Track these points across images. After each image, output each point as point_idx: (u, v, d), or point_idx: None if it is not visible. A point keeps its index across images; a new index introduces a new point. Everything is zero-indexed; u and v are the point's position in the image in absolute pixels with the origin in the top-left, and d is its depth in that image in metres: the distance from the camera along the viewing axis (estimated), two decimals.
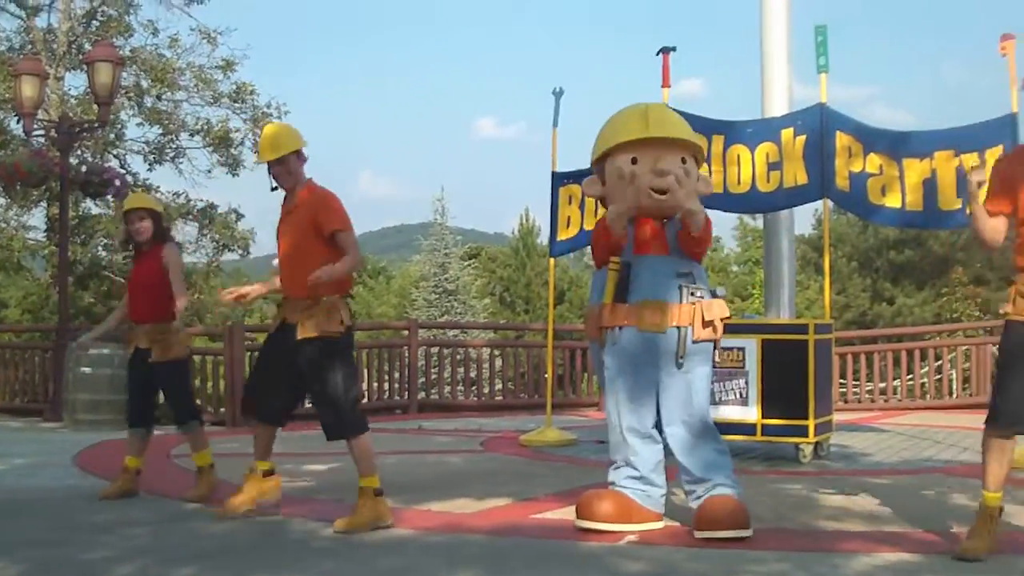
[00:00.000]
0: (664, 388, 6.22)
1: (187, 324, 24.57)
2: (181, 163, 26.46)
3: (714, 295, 6.39)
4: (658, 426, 6.32)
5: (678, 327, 6.17)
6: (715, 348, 6.34)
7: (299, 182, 6.74)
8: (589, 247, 6.91)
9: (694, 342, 6.17)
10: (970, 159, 9.54)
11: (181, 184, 41.55)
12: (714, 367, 6.44)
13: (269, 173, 6.76)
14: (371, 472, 6.53)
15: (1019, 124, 9.44)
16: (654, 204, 6.30)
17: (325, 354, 6.53)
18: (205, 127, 26.20)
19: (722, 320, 6.23)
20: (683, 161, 6.30)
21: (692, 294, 6.19)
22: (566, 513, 6.74)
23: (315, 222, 6.57)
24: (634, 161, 6.31)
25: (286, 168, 6.70)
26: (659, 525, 6.29)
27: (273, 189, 6.83)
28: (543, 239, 35.93)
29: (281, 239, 6.79)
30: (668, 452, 6.36)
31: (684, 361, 6.16)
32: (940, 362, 17.29)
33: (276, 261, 6.90)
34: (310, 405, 7.08)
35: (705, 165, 6.57)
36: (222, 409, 14.68)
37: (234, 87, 26.20)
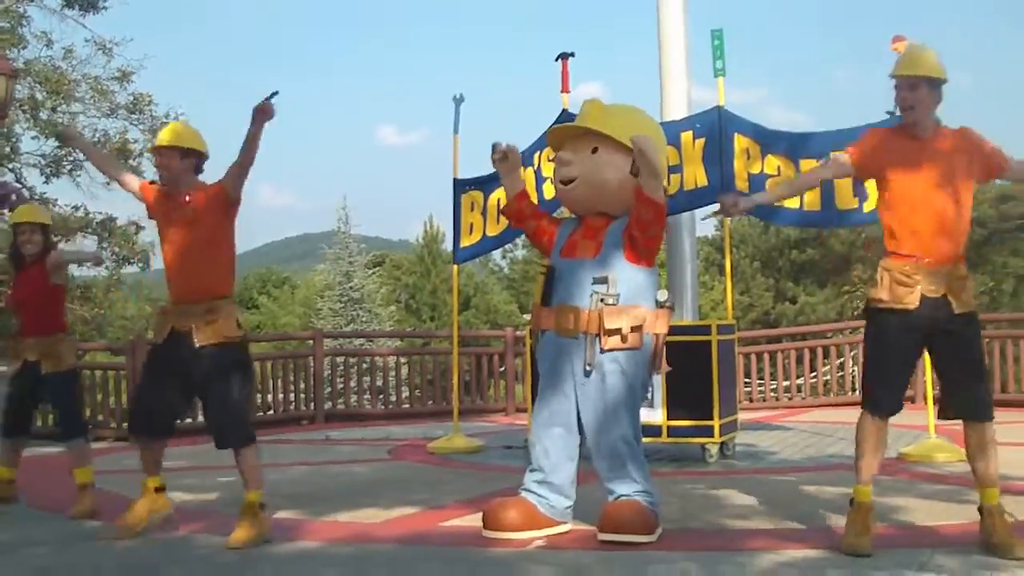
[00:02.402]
0: (577, 393, 6.21)
1: (86, 339, 24.26)
2: (79, 176, 26.01)
3: (657, 303, 6.27)
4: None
5: (586, 334, 6.15)
6: (655, 351, 6.23)
7: (179, 182, 6.55)
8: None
9: (602, 351, 6.13)
10: None
11: (79, 197, 40.92)
12: (653, 372, 6.36)
13: (155, 163, 6.66)
14: (260, 486, 6.45)
15: None
16: (563, 196, 6.38)
17: (225, 360, 6.41)
18: (103, 139, 25.79)
19: (633, 328, 6.12)
20: (594, 151, 6.25)
21: (601, 300, 6.13)
22: (474, 520, 6.71)
23: (216, 210, 6.47)
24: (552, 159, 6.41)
25: (169, 162, 6.52)
26: (565, 528, 6.28)
27: (152, 183, 6.75)
28: (447, 245, 35.90)
29: (170, 243, 6.57)
30: (584, 457, 6.36)
31: (592, 369, 6.13)
32: (842, 359, 17.51)
33: None
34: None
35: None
36: (125, 424, 14.44)
37: (131, 98, 25.84)
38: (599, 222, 6.32)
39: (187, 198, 6.51)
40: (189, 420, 12.23)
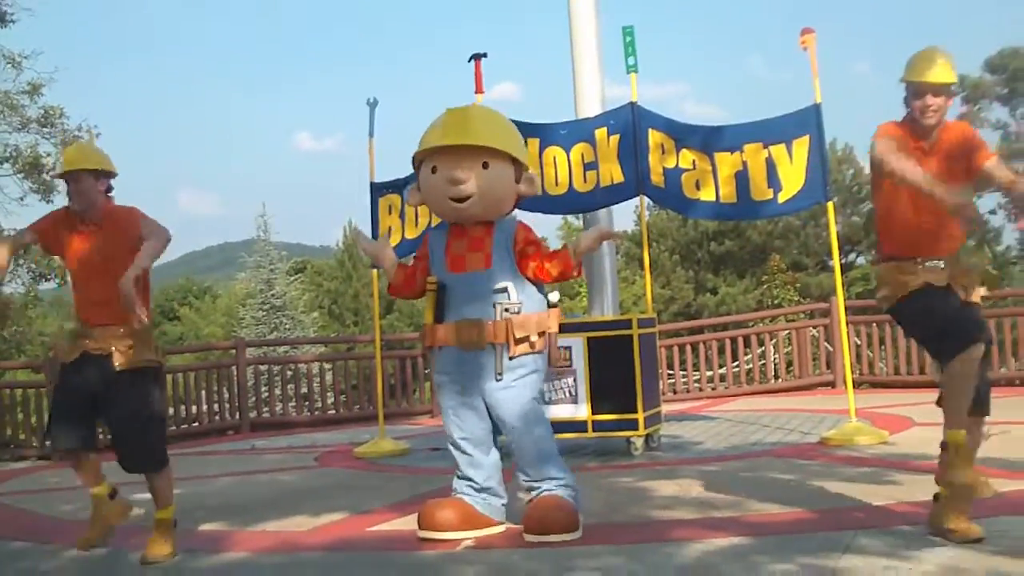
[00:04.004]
0: (490, 402, 6.22)
1: (5, 357, 23.91)
2: None
3: (549, 303, 6.37)
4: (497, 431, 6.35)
5: (494, 344, 6.17)
6: (550, 349, 6.32)
7: (95, 205, 6.34)
8: (413, 258, 6.86)
9: (511, 358, 6.17)
10: (778, 150, 9.79)
11: None
12: (551, 368, 6.46)
13: (67, 190, 6.36)
14: (171, 502, 6.33)
15: (823, 114, 9.73)
16: (456, 213, 6.31)
17: (143, 383, 6.24)
18: (14, 154, 25.41)
19: (540, 334, 6.21)
20: (484, 166, 6.23)
21: (506, 310, 6.17)
22: (402, 523, 6.72)
23: (132, 238, 6.22)
24: (434, 171, 6.29)
25: (83, 186, 6.28)
26: (499, 529, 6.30)
27: (66, 208, 6.47)
28: None
29: (81, 263, 6.35)
30: (506, 455, 6.39)
31: (503, 375, 6.16)
32: (763, 348, 17.69)
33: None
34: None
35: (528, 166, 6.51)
36: (47, 443, 14.25)
37: (42, 111, 25.45)
38: (479, 231, 6.32)
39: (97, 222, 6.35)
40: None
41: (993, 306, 17.84)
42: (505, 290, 6.17)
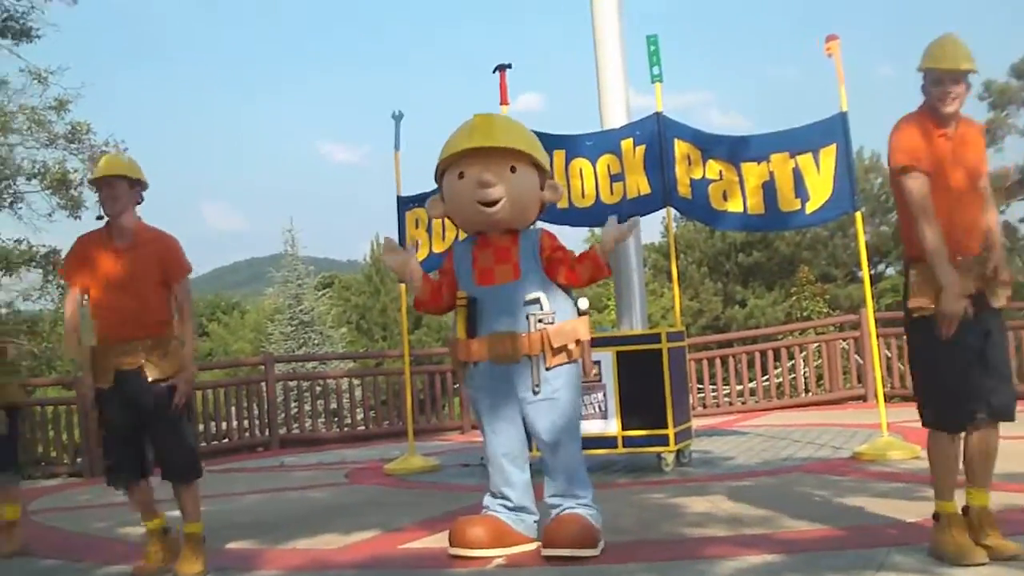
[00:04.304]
0: (527, 414, 6.19)
1: (36, 374, 24.00)
2: (19, 208, 25.74)
3: (579, 311, 6.33)
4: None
5: (529, 356, 6.14)
6: (584, 360, 6.29)
7: (126, 212, 6.44)
8: (439, 272, 6.81)
9: (547, 369, 6.14)
10: (805, 159, 9.75)
11: (21, 230, 40.47)
12: (584, 380, 6.42)
13: (99, 196, 6.48)
14: (200, 517, 6.39)
15: (849, 122, 9.68)
16: (484, 218, 6.27)
17: (170, 394, 6.33)
18: (42, 170, 25.52)
19: (577, 342, 6.18)
20: (512, 170, 6.22)
21: (540, 321, 6.14)
22: (433, 541, 6.70)
23: (162, 267, 6.40)
24: (461, 176, 6.26)
25: (117, 191, 6.39)
26: (531, 547, 6.26)
27: (99, 218, 6.53)
28: None
29: (110, 276, 6.40)
30: (535, 471, 6.36)
31: (540, 387, 6.13)
32: (793, 361, 17.61)
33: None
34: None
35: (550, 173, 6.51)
36: (79, 460, 14.34)
37: (69, 127, 25.55)
38: (505, 240, 6.29)
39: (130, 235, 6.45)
40: None
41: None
42: (537, 301, 6.13)
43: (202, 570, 6.16)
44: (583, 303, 6.37)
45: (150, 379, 6.25)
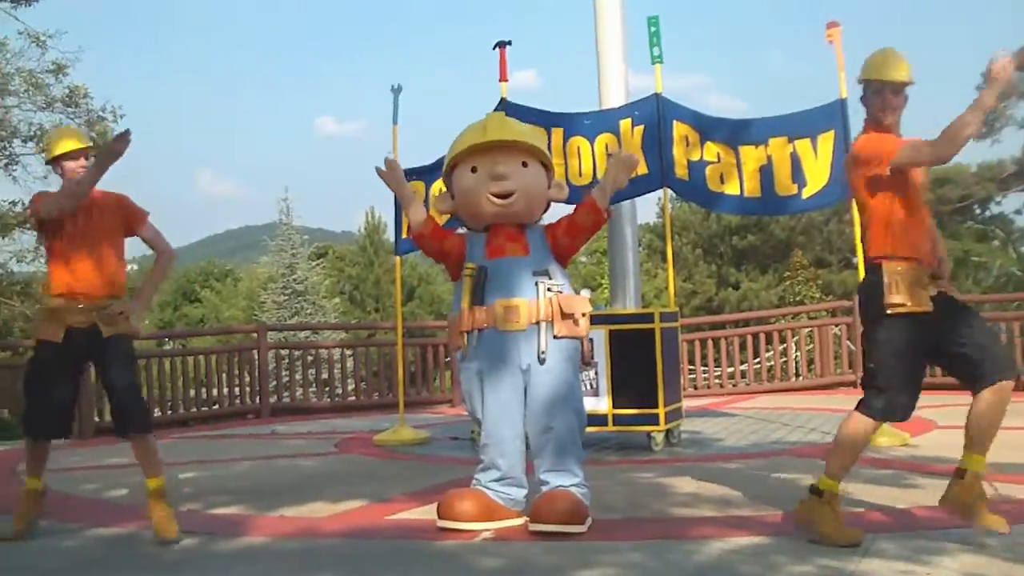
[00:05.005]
0: (529, 385, 6.21)
1: (28, 335, 24.01)
2: (14, 170, 25.71)
3: (578, 294, 6.42)
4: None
5: (537, 323, 6.17)
6: (583, 343, 6.37)
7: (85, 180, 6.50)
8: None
9: (555, 337, 6.17)
10: (803, 144, 9.77)
11: (16, 192, 40.42)
12: (585, 363, 6.47)
13: (71, 168, 6.57)
14: (162, 471, 6.47)
15: (848, 108, 9.69)
16: (498, 210, 6.31)
17: (129, 350, 6.53)
18: (39, 132, 25.47)
19: (584, 315, 6.22)
20: (524, 164, 6.30)
21: (549, 289, 6.19)
22: (421, 512, 6.72)
23: (121, 217, 6.60)
24: (474, 171, 6.32)
25: (84, 164, 6.54)
26: (519, 522, 6.28)
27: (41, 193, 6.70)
28: (390, 236, 35.93)
29: (68, 239, 6.47)
30: (528, 445, 6.38)
31: (546, 356, 6.16)
32: (785, 344, 17.64)
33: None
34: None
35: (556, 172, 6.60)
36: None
37: (66, 91, 25.51)
38: (514, 229, 6.36)
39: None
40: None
41: (1019, 307, 17.79)
42: (546, 272, 6.20)
43: (177, 528, 6.21)
44: (585, 293, 6.46)
45: (105, 336, 6.37)
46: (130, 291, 6.77)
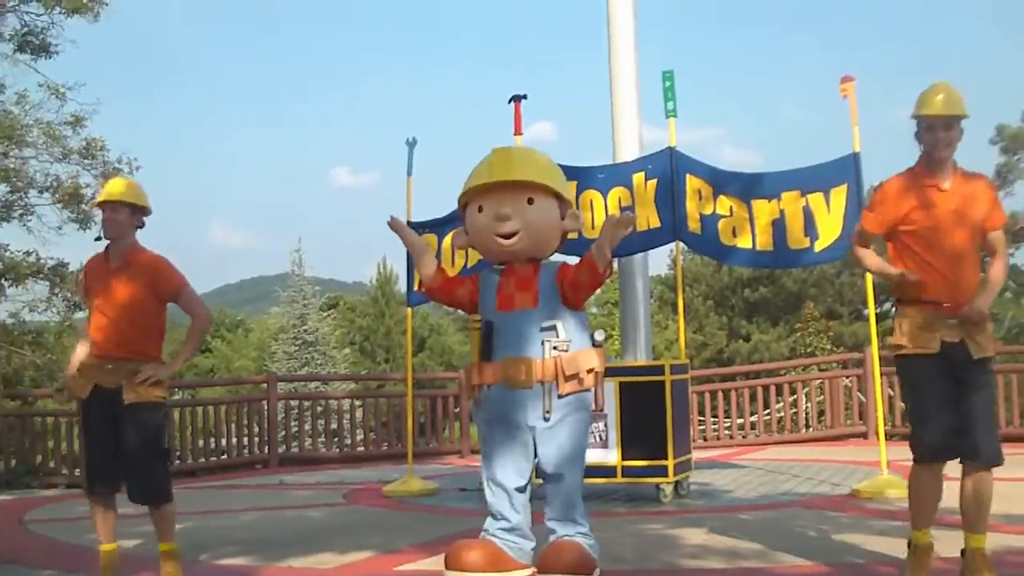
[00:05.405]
0: (537, 441, 6.19)
1: (38, 385, 24.03)
2: (29, 220, 25.82)
3: (594, 342, 6.36)
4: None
5: (542, 382, 6.15)
6: (596, 392, 6.30)
7: (125, 236, 6.54)
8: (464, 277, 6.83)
9: (560, 396, 6.14)
10: (815, 198, 9.79)
11: (31, 243, 40.52)
12: (597, 412, 6.40)
13: (102, 217, 6.57)
14: (174, 537, 6.44)
15: (861, 163, 9.72)
16: (503, 251, 6.31)
17: (153, 416, 6.42)
18: (55, 184, 25.61)
19: (590, 371, 6.18)
20: (529, 201, 6.26)
21: (555, 348, 6.15)
22: (429, 564, 6.70)
23: (152, 287, 6.46)
24: (480, 210, 6.32)
25: (119, 216, 6.49)
26: (526, 573, 6.24)
27: (97, 239, 6.65)
28: (401, 287, 35.99)
29: (103, 296, 6.50)
30: (534, 498, 6.35)
31: (551, 415, 6.13)
32: (795, 396, 17.61)
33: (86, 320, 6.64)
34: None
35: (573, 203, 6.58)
36: (76, 471, 14.34)
37: (84, 143, 25.63)
38: (527, 270, 6.32)
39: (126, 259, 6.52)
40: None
41: None
42: (553, 328, 6.16)
43: None
44: (599, 335, 6.38)
45: (126, 403, 6.30)
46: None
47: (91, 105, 25.73)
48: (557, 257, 6.62)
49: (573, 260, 6.25)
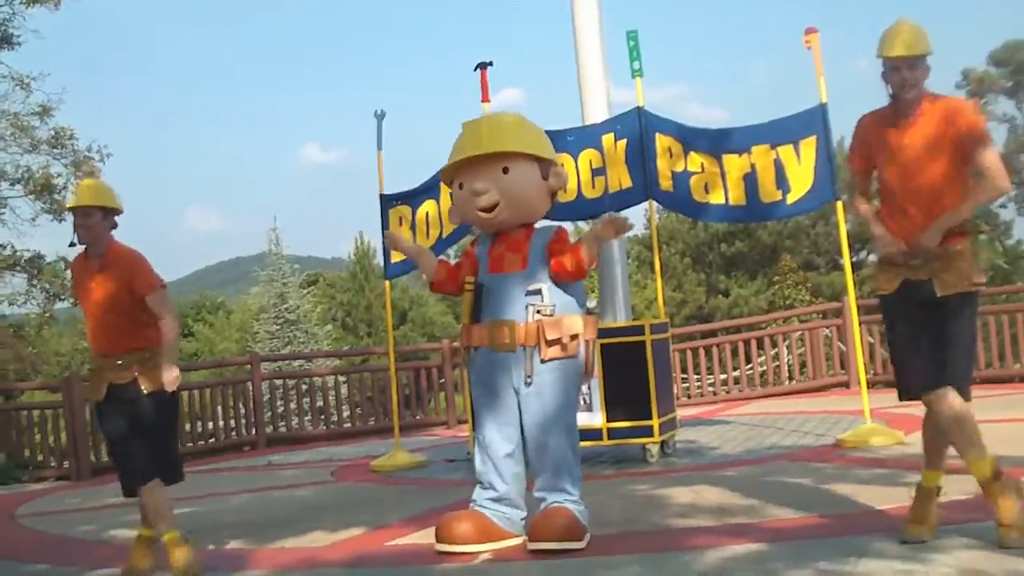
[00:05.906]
0: (521, 405, 6.22)
1: (22, 378, 23.98)
2: (3, 213, 25.66)
3: (587, 310, 6.41)
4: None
5: (524, 346, 6.17)
6: (586, 353, 6.30)
7: (99, 240, 6.51)
8: (462, 255, 6.87)
9: (542, 361, 6.16)
10: (785, 150, 9.80)
11: (5, 235, 40.25)
12: (586, 376, 6.40)
13: (74, 222, 6.52)
14: (161, 526, 6.36)
15: (828, 113, 9.73)
16: (488, 223, 6.35)
17: (161, 406, 6.39)
18: (26, 175, 25.44)
19: (574, 337, 6.19)
20: (505, 171, 6.26)
21: (538, 312, 6.17)
22: (420, 537, 6.73)
23: (128, 284, 6.41)
24: (461, 187, 6.37)
25: (91, 220, 6.46)
26: (517, 542, 6.28)
27: (71, 245, 6.59)
28: (380, 261, 35.88)
29: (88, 296, 6.51)
30: (527, 463, 6.38)
31: (533, 379, 6.16)
32: (776, 349, 17.68)
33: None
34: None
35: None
36: (65, 463, 14.33)
37: (52, 132, 25.47)
38: (520, 234, 6.37)
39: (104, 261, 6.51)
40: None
41: (1007, 300, 17.84)
42: (539, 292, 6.18)
43: (192, 560, 6.17)
44: (591, 302, 6.43)
45: (145, 392, 6.30)
46: None
47: (57, 94, 25.56)
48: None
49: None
